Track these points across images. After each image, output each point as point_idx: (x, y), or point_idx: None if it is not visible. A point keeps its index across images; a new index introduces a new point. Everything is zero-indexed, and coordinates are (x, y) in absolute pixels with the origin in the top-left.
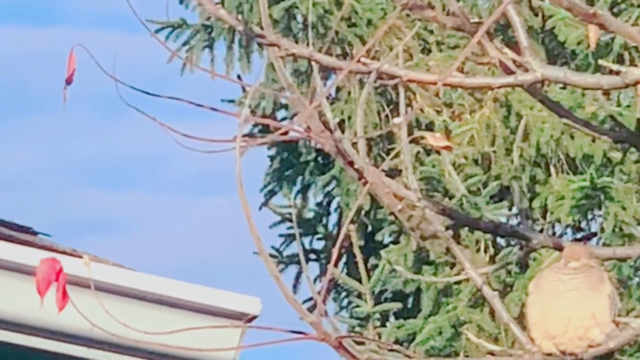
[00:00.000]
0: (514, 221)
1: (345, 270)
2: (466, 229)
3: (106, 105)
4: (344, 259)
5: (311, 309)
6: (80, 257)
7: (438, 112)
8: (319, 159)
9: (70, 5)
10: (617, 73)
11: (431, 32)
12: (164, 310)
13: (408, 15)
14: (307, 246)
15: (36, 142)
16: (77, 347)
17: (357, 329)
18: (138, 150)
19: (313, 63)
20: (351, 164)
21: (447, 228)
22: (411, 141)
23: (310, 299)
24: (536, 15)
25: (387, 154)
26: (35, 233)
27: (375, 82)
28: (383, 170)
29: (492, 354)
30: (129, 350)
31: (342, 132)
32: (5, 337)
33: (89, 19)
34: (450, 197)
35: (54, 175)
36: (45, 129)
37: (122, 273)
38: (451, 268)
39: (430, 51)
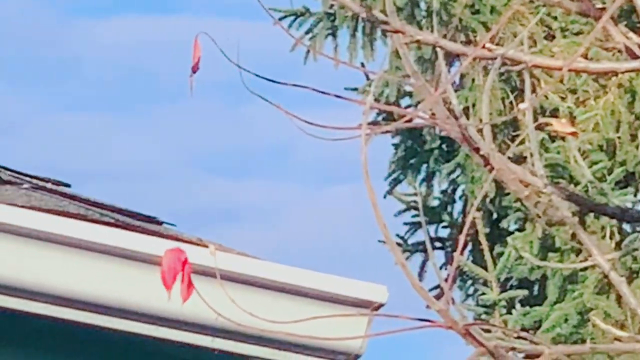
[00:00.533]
0: (639, 207)
1: (470, 258)
2: (592, 215)
3: (230, 94)
4: (469, 247)
5: (438, 297)
6: (206, 246)
7: (562, 98)
8: (444, 146)
9: None
10: None
11: (555, 18)
12: (290, 299)
13: (532, 1)
14: (432, 234)
15: (161, 131)
16: (203, 336)
17: (484, 316)
18: (262, 138)
19: (437, 50)
20: (477, 150)
21: (574, 214)
22: (536, 128)
23: (436, 287)
24: None
25: (512, 141)
26: (160, 223)
27: (499, 68)
28: (508, 157)
29: (619, 340)
30: (254, 340)
31: (467, 119)
32: (131, 327)
33: (213, 7)
34: (576, 184)
35: (178, 164)
36: (170, 118)
37: (247, 262)
38: (577, 255)
39: (554, 37)
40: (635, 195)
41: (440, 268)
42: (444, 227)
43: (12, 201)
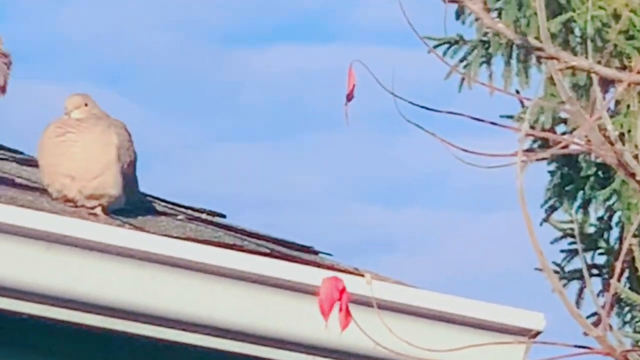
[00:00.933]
0: None
1: (628, 285)
2: None
3: (385, 122)
4: (626, 274)
5: (595, 324)
6: (362, 275)
7: None
8: (600, 173)
9: (349, 22)
10: None
11: None
12: (447, 327)
13: None
14: (589, 261)
15: (317, 160)
16: None
17: None
18: (418, 166)
19: (592, 76)
20: (633, 176)
21: None
22: None
23: (594, 314)
24: None
25: None
26: (316, 252)
27: None
28: None
29: None
30: None
31: (623, 145)
32: (288, 357)
33: (368, 35)
34: None
35: (334, 193)
36: (326, 147)
37: (404, 291)
38: None
39: None
40: None
41: (598, 295)
42: (601, 254)
43: (167, 232)
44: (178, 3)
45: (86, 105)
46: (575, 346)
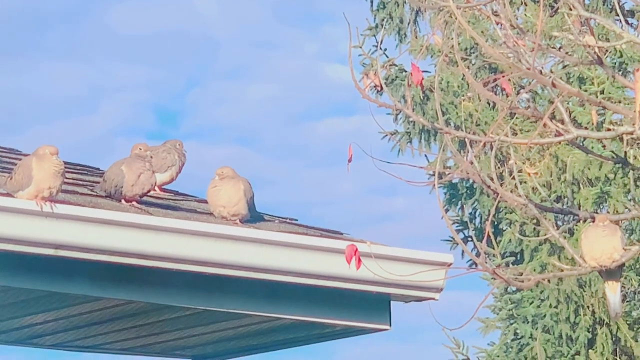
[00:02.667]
0: None
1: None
2: None
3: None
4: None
5: (477, 255)
6: (365, 242)
7: None
8: (468, 191)
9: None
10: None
11: None
12: (408, 264)
13: None
14: (466, 233)
15: None
16: None
17: None
18: None
19: (465, 139)
20: (488, 187)
21: None
22: None
23: (478, 253)
24: None
25: None
26: (341, 233)
27: None
28: None
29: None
30: None
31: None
32: (329, 283)
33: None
34: None
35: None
36: None
37: (384, 248)
38: None
39: None
40: None
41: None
42: (472, 229)
43: (270, 229)
44: None
45: (223, 172)
46: (468, 268)
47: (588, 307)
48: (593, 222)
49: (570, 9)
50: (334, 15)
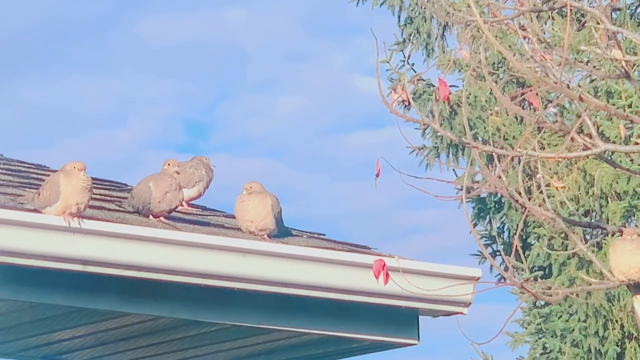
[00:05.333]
0: None
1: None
2: None
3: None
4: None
5: (505, 269)
6: (393, 257)
7: None
8: (496, 205)
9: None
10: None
11: None
12: (436, 279)
13: None
14: (494, 248)
15: None
16: None
17: None
18: None
19: (493, 154)
20: (516, 202)
21: None
22: None
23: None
24: None
25: None
26: (369, 247)
27: None
28: None
29: None
30: None
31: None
32: (357, 298)
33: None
34: None
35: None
36: None
37: (412, 263)
38: None
39: None
40: None
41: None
42: (501, 244)
43: (298, 243)
44: None
45: (251, 187)
46: (496, 282)
47: (617, 321)
48: (621, 235)
49: (598, 23)
50: (364, 27)
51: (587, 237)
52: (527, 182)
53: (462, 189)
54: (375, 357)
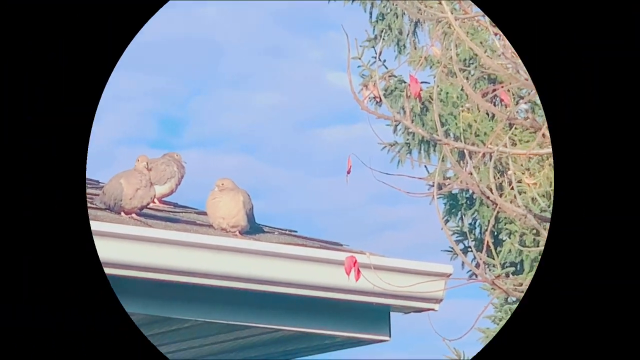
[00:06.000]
0: None
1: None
2: None
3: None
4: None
5: (477, 265)
6: (364, 253)
7: None
8: (467, 201)
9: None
10: None
11: None
12: (406, 275)
13: None
14: (466, 244)
15: None
16: None
17: None
18: None
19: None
20: (487, 198)
21: None
22: None
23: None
24: None
25: None
26: (341, 244)
27: None
28: None
29: None
30: None
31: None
32: (329, 294)
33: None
34: None
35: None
36: None
37: (383, 259)
38: None
39: None
40: None
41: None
42: (472, 240)
43: (270, 240)
44: None
45: (223, 184)
46: (467, 278)
47: None
48: None
49: None
50: (337, 23)
51: None
52: (498, 178)
53: (433, 185)
54: (348, 354)
